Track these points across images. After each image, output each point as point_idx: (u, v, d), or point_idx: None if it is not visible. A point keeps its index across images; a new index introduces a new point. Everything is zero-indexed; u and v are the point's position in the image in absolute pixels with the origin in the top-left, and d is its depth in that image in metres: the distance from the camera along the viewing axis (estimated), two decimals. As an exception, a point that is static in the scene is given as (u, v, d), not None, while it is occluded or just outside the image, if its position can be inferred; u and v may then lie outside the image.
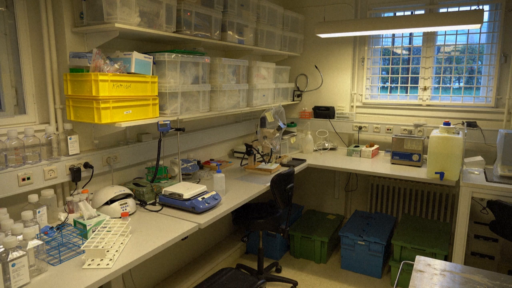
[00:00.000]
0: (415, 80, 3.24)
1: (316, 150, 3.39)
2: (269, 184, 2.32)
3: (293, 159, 3.03)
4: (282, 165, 2.82)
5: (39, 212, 1.56)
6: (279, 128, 2.58)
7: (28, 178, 1.66)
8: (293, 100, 3.62)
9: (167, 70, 2.00)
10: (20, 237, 1.22)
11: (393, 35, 3.30)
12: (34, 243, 1.25)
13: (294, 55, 3.48)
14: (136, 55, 1.84)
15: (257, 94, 2.85)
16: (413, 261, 1.45)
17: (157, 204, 1.97)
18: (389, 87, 3.39)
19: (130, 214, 1.80)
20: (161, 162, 2.02)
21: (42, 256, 1.29)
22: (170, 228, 1.67)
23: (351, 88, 3.45)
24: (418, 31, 2.70)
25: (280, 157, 2.92)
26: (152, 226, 1.70)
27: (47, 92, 1.84)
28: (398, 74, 3.31)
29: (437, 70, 3.14)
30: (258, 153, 2.68)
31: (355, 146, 3.27)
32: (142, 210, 1.90)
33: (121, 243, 1.47)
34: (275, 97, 3.21)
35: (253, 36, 2.78)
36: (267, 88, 3.00)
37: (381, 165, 2.88)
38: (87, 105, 1.73)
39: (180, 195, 1.85)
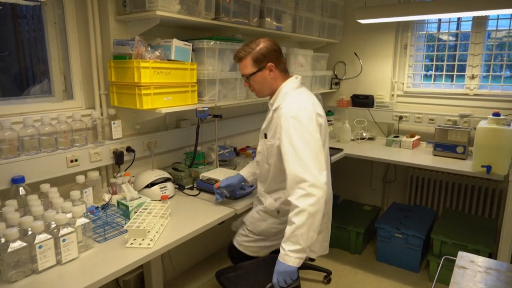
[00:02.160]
0: (462, 68, 3.06)
1: (353, 140, 3.32)
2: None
3: (330, 148, 2.97)
4: (318, 154, 2.79)
5: (85, 192, 1.65)
6: (316, 117, 2.55)
7: (76, 160, 1.75)
8: (331, 88, 3.55)
9: (205, 57, 2.02)
10: (69, 215, 1.29)
11: (440, 20, 3.12)
12: (81, 221, 1.32)
13: (333, 42, 3.39)
14: (176, 42, 1.87)
15: (294, 81, 2.82)
16: (454, 257, 1.39)
17: (194, 188, 2.02)
18: (433, 75, 3.23)
19: (169, 198, 1.86)
20: (199, 148, 2.06)
21: (89, 234, 1.37)
22: (207, 212, 1.71)
23: (392, 76, 3.33)
24: (468, 15, 2.54)
25: (316, 146, 2.89)
26: (190, 210, 1.74)
27: (93, 79, 1.92)
28: (444, 61, 3.15)
29: (486, 58, 2.95)
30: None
31: (395, 136, 3.16)
32: (180, 194, 1.96)
33: (161, 224, 1.52)
34: (313, 85, 3.16)
35: (291, 23, 2.74)
36: (304, 75, 2.96)
37: (422, 157, 2.78)
38: (130, 91, 1.79)
39: (217, 181, 1.89)
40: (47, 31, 1.83)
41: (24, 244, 1.15)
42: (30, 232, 1.20)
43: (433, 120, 3.10)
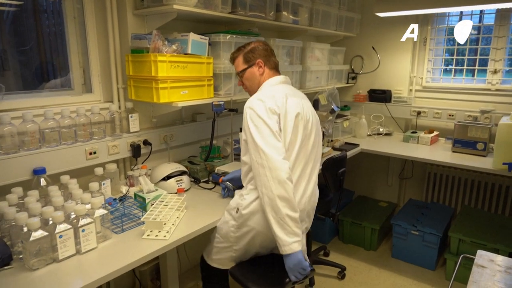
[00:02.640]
0: (484, 62, 2.97)
1: (370, 135, 3.28)
2: (320, 167, 2.29)
3: (346, 143, 2.96)
4: (334, 149, 2.77)
5: (103, 184, 1.68)
6: (332, 111, 2.53)
7: (95, 153, 1.79)
8: (348, 83, 3.50)
9: (222, 51, 2.02)
10: (88, 206, 1.32)
11: (461, 13, 3.03)
12: (100, 212, 1.35)
13: (350, 35, 3.34)
14: (192, 36, 1.88)
15: (311, 76, 2.80)
16: (472, 255, 1.37)
17: (210, 182, 2.03)
18: (453, 70, 3.15)
19: (185, 191, 1.87)
20: (214, 142, 2.07)
21: (107, 225, 1.40)
22: (223, 205, 1.72)
23: (410, 71, 3.26)
24: (492, 7, 2.46)
25: (332, 140, 2.87)
26: (205, 203, 1.76)
27: (111, 72, 1.94)
28: (465, 55, 3.06)
29: (510, 52, 2.85)
30: (310, 136, 2.64)
31: (413, 132, 3.11)
32: (196, 187, 1.97)
33: (177, 217, 1.54)
34: (329, 79, 3.12)
35: (308, 16, 2.71)
36: (321, 70, 2.93)
37: (440, 153, 2.72)
38: (147, 85, 1.81)
39: (232, 175, 1.89)
40: (67, 25, 1.87)
41: (46, 233, 1.18)
42: (51, 222, 1.23)
43: (452, 115, 3.03)
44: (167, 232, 1.42)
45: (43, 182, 1.53)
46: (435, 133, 3.04)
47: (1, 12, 1.69)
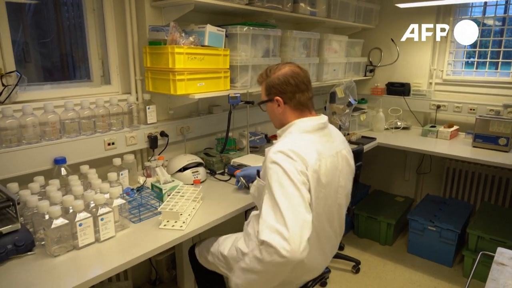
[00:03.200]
0: (508, 55, 2.88)
1: (387, 129, 3.23)
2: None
3: (362, 137, 2.92)
4: (351, 142, 2.74)
5: (121, 174, 1.71)
6: (349, 104, 2.50)
7: (113, 143, 1.82)
8: (365, 76, 3.45)
9: (238, 43, 2.01)
10: (107, 196, 1.35)
11: (485, 3, 2.93)
12: (118, 201, 1.37)
13: (369, 27, 3.28)
14: (209, 28, 1.88)
15: (328, 68, 2.77)
16: (491, 252, 1.34)
17: (225, 174, 2.04)
18: (475, 63, 3.06)
19: (201, 182, 1.89)
20: (230, 134, 2.07)
21: (125, 214, 1.42)
22: (238, 197, 1.73)
23: (430, 64, 3.19)
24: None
25: (348, 134, 2.84)
26: (221, 195, 1.77)
27: (129, 64, 1.96)
28: (488, 48, 2.97)
29: (537, 43, 2.76)
30: (326, 129, 2.62)
31: (432, 126, 3.04)
32: (211, 179, 1.99)
33: (193, 208, 1.56)
34: (346, 72, 3.08)
35: (326, 8, 2.67)
36: (338, 62, 2.89)
37: (460, 148, 2.66)
38: (164, 77, 1.82)
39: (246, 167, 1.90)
40: (86, 17, 1.89)
41: (66, 221, 1.21)
42: (71, 210, 1.26)
43: (473, 110, 2.95)
44: (183, 222, 1.44)
45: (63, 171, 1.57)
46: (455, 127, 2.97)
47: (23, 5, 1.73)
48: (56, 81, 1.87)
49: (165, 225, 1.43)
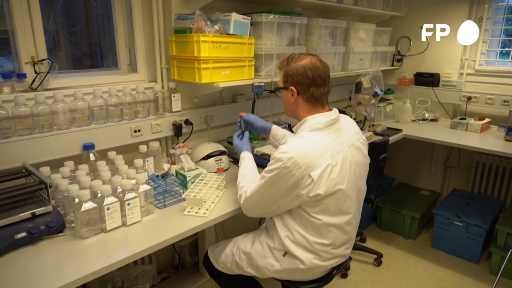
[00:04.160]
0: (548, 44, 2.73)
1: (414, 120, 3.14)
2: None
3: (388, 128, 2.86)
4: (376, 133, 2.68)
5: (147, 161, 1.74)
6: (375, 95, 2.44)
7: (139, 130, 1.86)
8: (392, 65, 3.36)
9: (264, 31, 1.99)
10: (133, 181, 1.38)
11: (524, -11, 2.78)
12: (144, 187, 1.41)
13: (397, 15, 3.18)
14: (235, 16, 1.87)
15: (354, 57, 2.70)
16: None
17: (248, 163, 2.04)
18: (511, 52, 2.92)
19: (224, 170, 1.91)
20: (253, 123, 2.08)
21: (150, 200, 1.46)
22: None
23: (462, 53, 3.06)
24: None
25: (374, 125, 2.78)
26: (243, 183, 1.77)
27: (155, 52, 1.98)
28: (526, 36, 2.82)
29: None
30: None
31: (461, 119, 2.94)
32: (234, 168, 2.00)
33: (216, 195, 1.58)
34: (373, 62, 3.01)
35: (354, -5, 2.60)
36: (364, 51, 2.82)
37: (491, 141, 2.56)
38: (189, 65, 1.83)
39: (269, 156, 1.89)
40: (114, 6, 1.92)
41: (95, 205, 1.25)
42: (99, 195, 1.30)
43: (507, 102, 2.82)
44: (207, 209, 1.46)
45: (92, 157, 1.62)
46: (486, 120, 2.86)
47: (54, -7, 1.77)
48: (85, 69, 1.92)
49: (189, 212, 1.45)
